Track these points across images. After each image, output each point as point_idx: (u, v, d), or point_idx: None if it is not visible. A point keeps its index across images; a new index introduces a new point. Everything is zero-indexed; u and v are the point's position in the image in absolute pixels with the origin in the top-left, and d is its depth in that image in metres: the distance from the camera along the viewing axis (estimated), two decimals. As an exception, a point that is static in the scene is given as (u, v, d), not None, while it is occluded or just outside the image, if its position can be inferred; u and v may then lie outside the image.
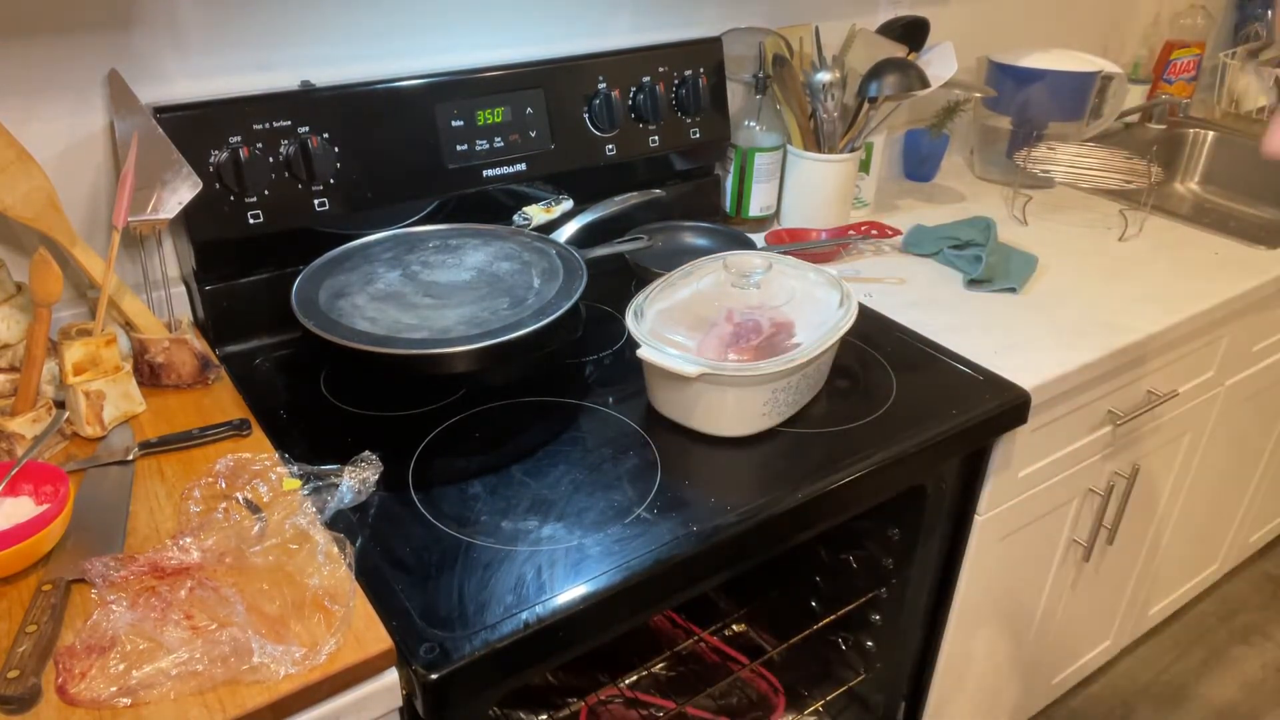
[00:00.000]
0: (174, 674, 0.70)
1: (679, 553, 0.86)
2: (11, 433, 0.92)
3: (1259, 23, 2.32)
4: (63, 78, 1.03)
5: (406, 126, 1.18)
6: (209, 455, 0.95)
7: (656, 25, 1.41)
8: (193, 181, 1.04)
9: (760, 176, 1.50)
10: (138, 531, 0.86)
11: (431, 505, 0.91)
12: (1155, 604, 1.87)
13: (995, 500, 1.24)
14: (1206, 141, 2.13)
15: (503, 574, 0.83)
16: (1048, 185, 1.73)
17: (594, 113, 1.31)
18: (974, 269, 1.38)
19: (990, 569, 1.32)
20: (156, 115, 1.04)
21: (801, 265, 1.17)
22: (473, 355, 0.99)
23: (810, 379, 1.06)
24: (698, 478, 0.97)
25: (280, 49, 1.14)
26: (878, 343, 1.21)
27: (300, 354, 1.16)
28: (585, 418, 1.06)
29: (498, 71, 1.24)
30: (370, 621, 0.77)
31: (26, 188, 0.98)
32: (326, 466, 0.92)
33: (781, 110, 1.50)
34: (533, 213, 1.25)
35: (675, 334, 1.02)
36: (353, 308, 1.05)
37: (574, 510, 0.91)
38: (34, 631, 0.73)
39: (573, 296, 1.07)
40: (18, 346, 0.99)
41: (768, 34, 1.46)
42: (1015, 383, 1.13)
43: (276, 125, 1.10)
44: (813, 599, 1.39)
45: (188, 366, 1.06)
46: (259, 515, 0.85)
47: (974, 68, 1.82)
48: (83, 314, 1.11)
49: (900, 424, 1.05)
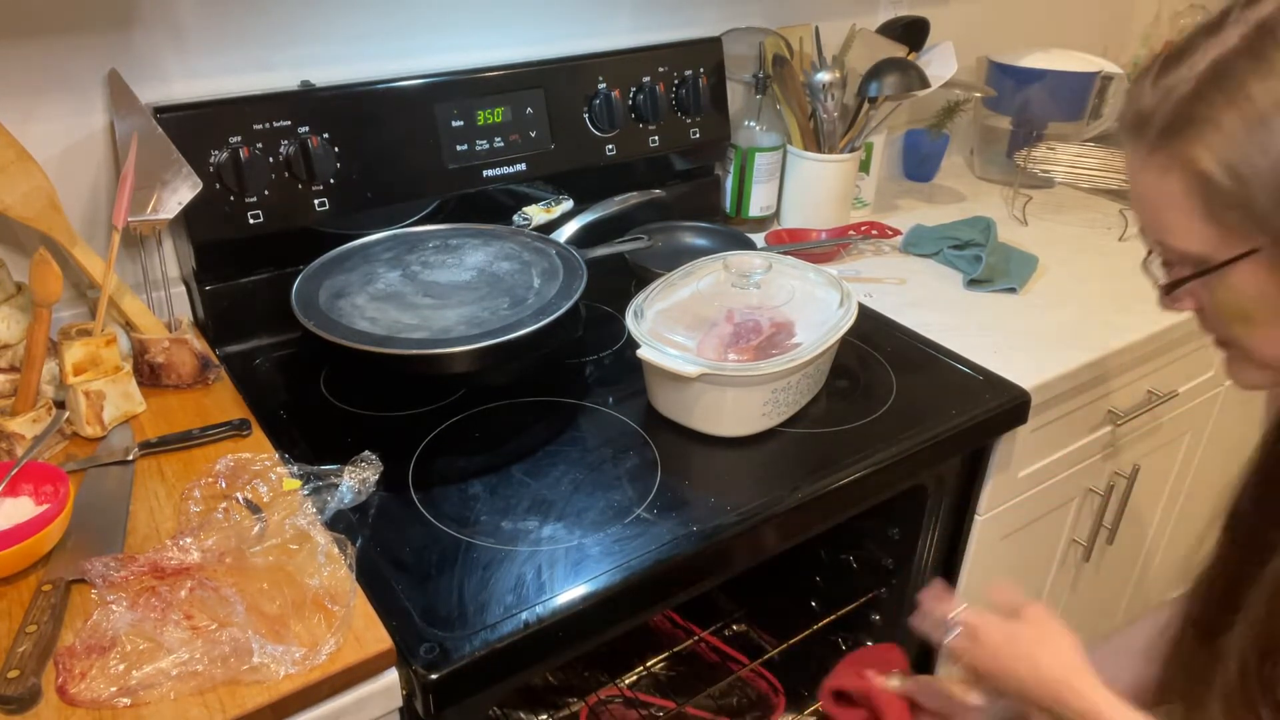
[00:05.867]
0: (174, 674, 0.70)
1: (679, 553, 0.86)
2: (11, 433, 0.92)
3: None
4: (63, 78, 1.03)
5: (406, 126, 1.18)
6: (209, 455, 0.95)
7: (656, 25, 1.41)
8: (193, 181, 1.04)
9: (760, 176, 1.50)
10: (138, 531, 0.86)
11: (431, 505, 0.91)
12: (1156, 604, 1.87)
13: (995, 500, 1.24)
14: (1206, 141, 2.13)
15: (503, 574, 0.83)
16: (1048, 185, 1.73)
17: (594, 113, 1.31)
18: (974, 269, 1.38)
19: (990, 569, 1.32)
20: (156, 115, 1.04)
21: (801, 265, 1.17)
22: (473, 355, 0.99)
23: (810, 379, 1.06)
24: (698, 478, 0.97)
25: (280, 49, 1.14)
26: (878, 343, 1.21)
27: (300, 354, 1.16)
28: (585, 418, 1.06)
29: (498, 71, 1.24)
30: (370, 621, 0.77)
31: (26, 188, 0.98)
32: (326, 466, 0.91)
33: (781, 110, 1.50)
34: (533, 213, 1.25)
35: (675, 334, 1.02)
36: (353, 308, 1.05)
37: (574, 510, 0.91)
38: (34, 631, 0.73)
39: (573, 296, 1.07)
40: (18, 346, 0.99)
41: (768, 34, 1.46)
42: (1015, 383, 1.13)
43: (276, 125, 1.10)
44: (813, 599, 1.39)
45: (188, 366, 1.06)
46: (259, 515, 0.85)
47: (974, 68, 1.82)
48: (83, 314, 1.11)
49: (900, 424, 1.05)
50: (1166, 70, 0.61)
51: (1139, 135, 0.62)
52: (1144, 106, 0.62)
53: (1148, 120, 0.61)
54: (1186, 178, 0.59)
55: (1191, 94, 0.59)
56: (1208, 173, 0.58)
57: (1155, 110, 0.61)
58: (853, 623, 1.34)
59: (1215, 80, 0.58)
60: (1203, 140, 0.58)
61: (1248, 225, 0.57)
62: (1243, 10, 0.59)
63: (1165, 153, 0.60)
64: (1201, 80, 0.58)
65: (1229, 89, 0.57)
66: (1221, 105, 0.57)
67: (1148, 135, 0.61)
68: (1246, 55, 0.57)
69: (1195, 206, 0.59)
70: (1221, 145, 0.57)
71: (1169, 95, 0.60)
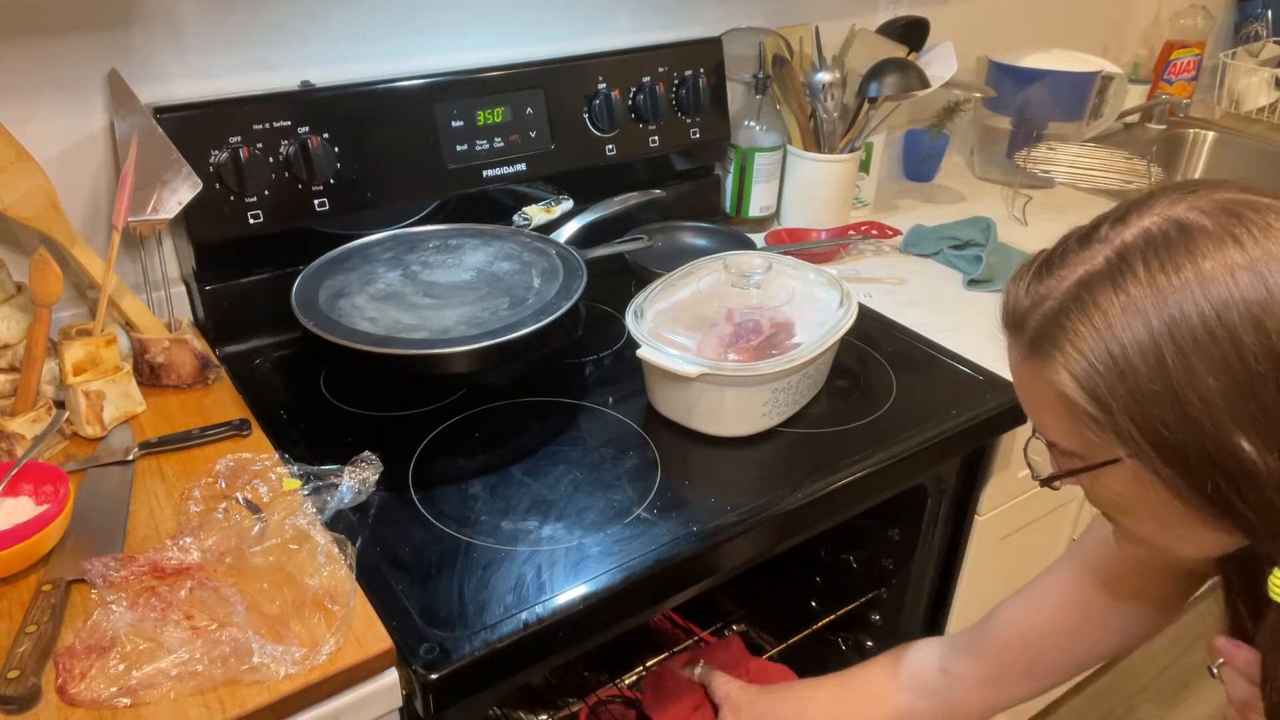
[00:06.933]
0: (174, 674, 0.70)
1: (679, 553, 0.86)
2: (11, 433, 0.92)
3: (1259, 22, 2.32)
4: (63, 77, 1.03)
5: (406, 126, 1.18)
6: (209, 455, 0.95)
7: (656, 25, 1.41)
8: (193, 181, 1.04)
9: (760, 176, 1.50)
10: (138, 531, 0.86)
11: (431, 505, 0.91)
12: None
13: (995, 500, 1.24)
14: (1206, 142, 2.13)
15: (502, 574, 0.83)
16: (1048, 185, 1.73)
17: (594, 113, 1.31)
18: (974, 269, 1.38)
19: (990, 569, 1.32)
20: (156, 115, 1.04)
21: (801, 265, 1.17)
22: (473, 355, 0.99)
23: (810, 379, 1.06)
24: (698, 478, 0.97)
25: (280, 49, 1.14)
26: (878, 343, 1.21)
27: (300, 354, 1.16)
28: (585, 418, 1.06)
29: (498, 71, 1.24)
30: (370, 621, 0.77)
31: (26, 187, 0.98)
32: (326, 467, 0.91)
33: (781, 110, 1.50)
34: (533, 213, 1.25)
35: (675, 334, 1.02)
36: (353, 308, 1.05)
37: (574, 510, 0.91)
38: (34, 631, 0.73)
39: (573, 296, 1.07)
40: (18, 346, 0.99)
41: (768, 34, 1.46)
42: (1015, 383, 1.13)
43: (276, 125, 1.10)
44: (813, 599, 1.39)
45: (188, 366, 1.06)
46: (259, 515, 0.85)
47: (974, 68, 1.82)
48: (83, 314, 1.11)
49: (900, 424, 1.05)
50: (1041, 276, 0.61)
51: (1014, 332, 0.63)
52: (1019, 308, 0.62)
53: (1022, 324, 0.62)
54: (1055, 393, 0.60)
55: (1057, 311, 0.59)
56: (1070, 396, 0.59)
57: (1027, 317, 0.61)
58: (852, 623, 1.34)
59: (1078, 301, 0.58)
60: (1066, 364, 0.58)
61: (1111, 440, 0.58)
62: (1111, 227, 0.59)
63: (1036, 362, 0.61)
64: (1066, 297, 0.59)
65: (1090, 313, 0.57)
66: (1084, 331, 0.57)
67: (1022, 337, 0.62)
68: (1107, 280, 0.57)
69: (1065, 416, 0.60)
70: (1083, 371, 0.57)
71: (1038, 305, 0.60)
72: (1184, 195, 0.59)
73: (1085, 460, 0.62)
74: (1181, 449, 0.56)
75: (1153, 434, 0.56)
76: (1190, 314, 0.54)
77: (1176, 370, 0.55)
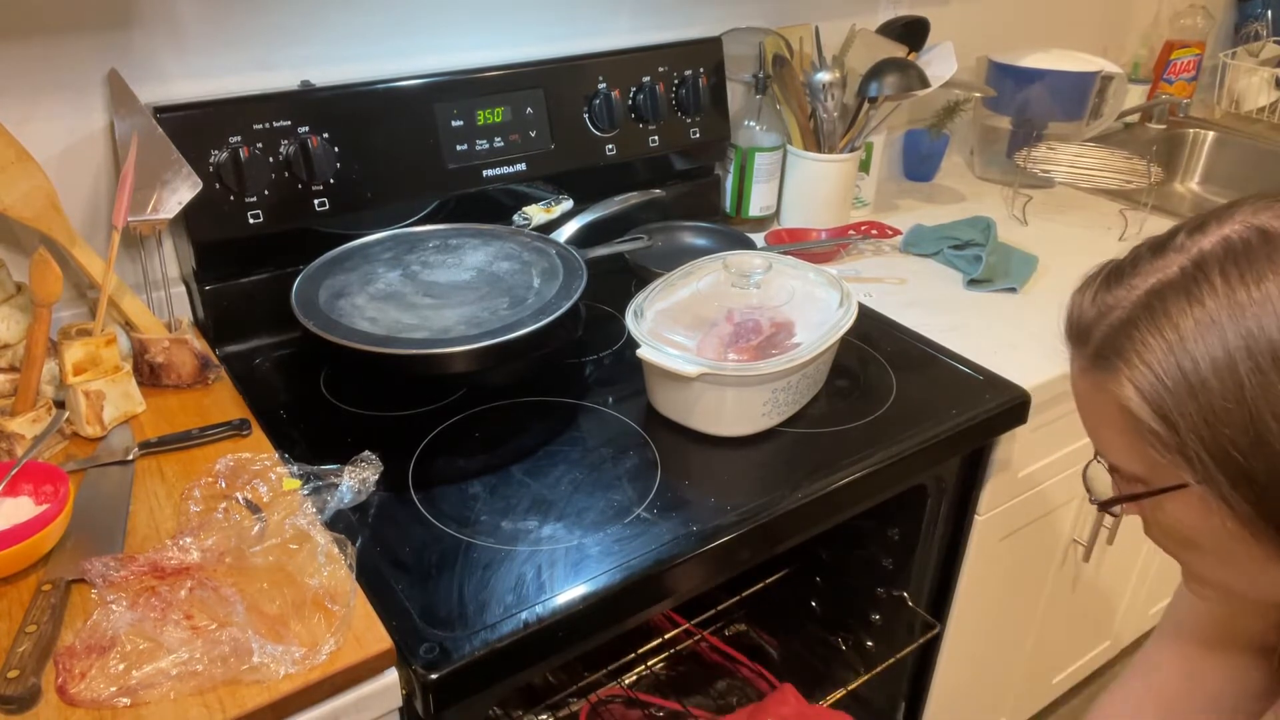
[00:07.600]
0: (174, 674, 0.70)
1: (679, 553, 0.86)
2: (11, 433, 0.92)
3: (1259, 22, 2.32)
4: (63, 78, 1.03)
5: (406, 126, 1.18)
6: (209, 455, 0.95)
7: (656, 25, 1.41)
8: (193, 181, 1.04)
9: (760, 176, 1.50)
10: (137, 531, 0.86)
11: (431, 505, 0.91)
12: (1156, 604, 1.87)
13: (995, 500, 1.24)
14: (1206, 141, 2.13)
15: (502, 574, 0.83)
16: (1048, 185, 1.73)
17: (594, 113, 1.31)
18: (974, 269, 1.38)
19: (990, 569, 1.32)
20: (156, 115, 1.04)
21: (801, 265, 1.17)
22: (473, 355, 0.99)
23: (810, 379, 1.06)
24: (698, 478, 0.97)
25: (280, 49, 1.14)
26: (878, 343, 1.21)
27: (300, 354, 1.16)
28: (585, 418, 1.06)
29: (498, 71, 1.24)
30: (370, 621, 0.77)
31: (26, 188, 0.98)
32: (326, 466, 0.91)
33: (781, 110, 1.50)
34: (533, 213, 1.25)
35: (675, 334, 1.02)
36: (353, 308, 1.05)
37: (574, 510, 0.91)
38: (34, 631, 0.73)
39: (572, 296, 1.07)
40: (18, 346, 0.99)
41: (768, 34, 1.46)
42: (1015, 383, 1.13)
43: (276, 125, 1.10)
44: (813, 599, 1.39)
45: (188, 366, 1.06)
46: (259, 515, 0.85)
47: (974, 68, 1.82)
48: (83, 314, 1.11)
49: (900, 424, 1.05)
50: (1109, 285, 0.58)
51: (1078, 344, 0.60)
52: (1084, 318, 0.59)
53: (1086, 335, 0.59)
54: (1119, 408, 0.56)
55: (1126, 321, 0.56)
56: (1134, 412, 0.55)
57: (1093, 327, 0.58)
58: (853, 623, 1.34)
59: (1149, 312, 0.55)
60: (1133, 379, 0.55)
61: (1178, 462, 0.55)
62: (1188, 235, 0.56)
63: (1100, 375, 0.58)
64: (1136, 307, 0.56)
65: (1162, 325, 0.54)
66: (1154, 343, 0.54)
67: (1085, 349, 0.59)
68: (1182, 290, 0.54)
69: (1128, 433, 0.57)
70: (1151, 388, 0.54)
71: (1105, 316, 0.58)
72: (1271, 203, 0.55)
73: (1148, 485, 0.58)
74: (1254, 475, 0.52)
75: (1223, 457, 0.52)
76: (1270, 329, 0.51)
77: (1252, 389, 0.51)
